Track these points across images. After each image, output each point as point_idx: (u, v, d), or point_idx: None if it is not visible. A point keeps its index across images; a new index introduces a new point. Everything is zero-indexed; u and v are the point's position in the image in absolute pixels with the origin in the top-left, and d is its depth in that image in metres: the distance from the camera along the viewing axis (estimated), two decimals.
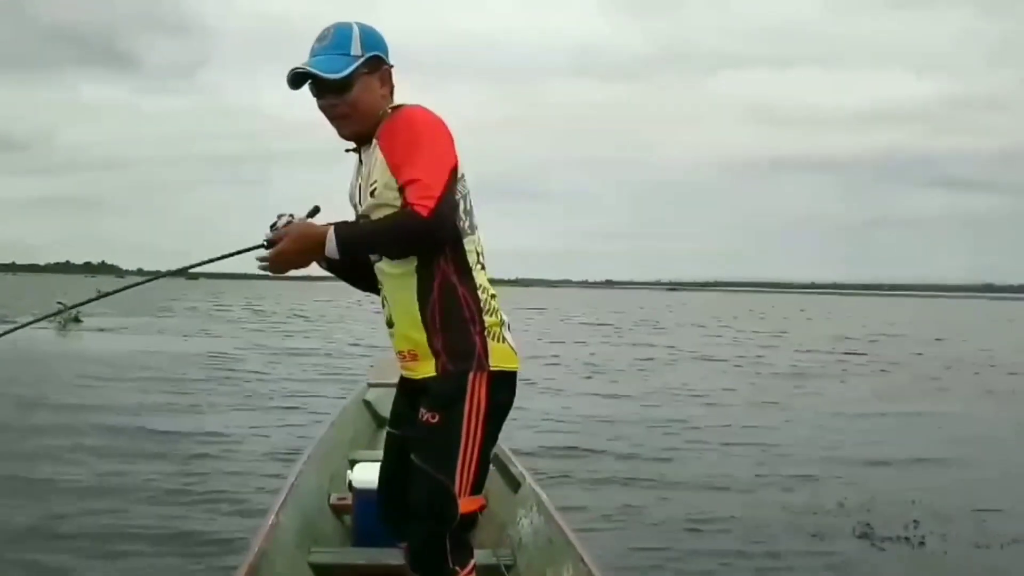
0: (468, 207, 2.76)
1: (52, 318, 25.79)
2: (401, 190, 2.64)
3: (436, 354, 2.75)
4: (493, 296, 2.80)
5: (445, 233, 2.67)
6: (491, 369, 2.73)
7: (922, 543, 6.44)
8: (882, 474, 8.82)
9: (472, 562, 2.82)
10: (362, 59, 2.77)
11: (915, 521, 6.82)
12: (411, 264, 2.73)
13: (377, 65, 2.82)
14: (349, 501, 4.58)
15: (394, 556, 3.30)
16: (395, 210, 2.65)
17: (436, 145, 2.67)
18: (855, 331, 37.46)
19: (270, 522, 3.82)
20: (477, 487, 2.77)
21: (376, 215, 2.73)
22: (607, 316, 49.66)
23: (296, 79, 2.78)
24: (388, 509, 3.04)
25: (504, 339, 2.78)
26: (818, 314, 61.74)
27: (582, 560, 3.54)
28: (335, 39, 2.79)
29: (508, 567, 3.91)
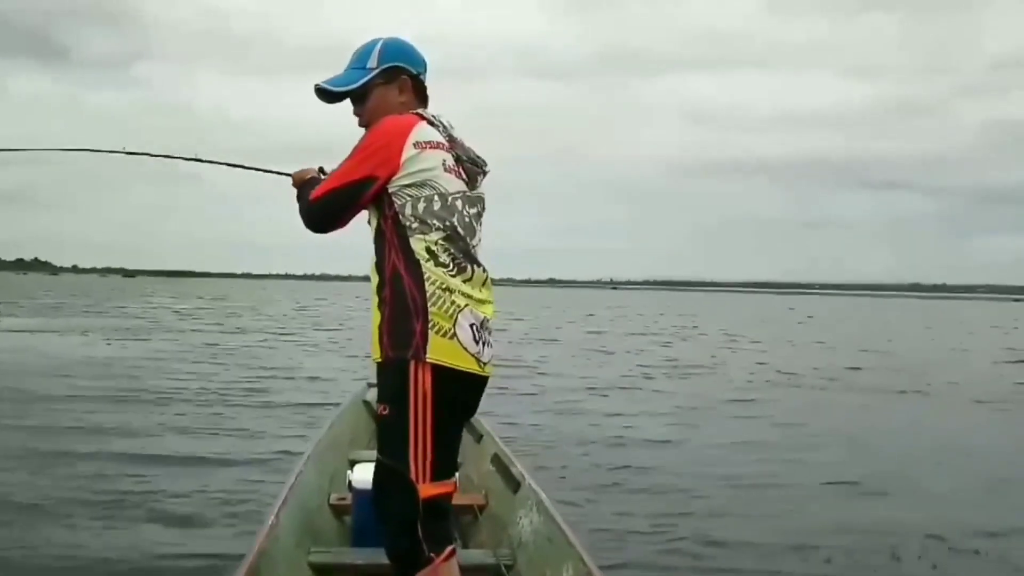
0: (417, 210, 2.87)
1: None
2: None
3: (381, 339, 2.89)
4: (449, 291, 2.86)
5: (316, 222, 2.98)
6: (430, 361, 2.81)
7: None
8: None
9: (449, 548, 2.88)
10: (376, 71, 3.05)
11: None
12: (376, 256, 2.95)
13: (395, 75, 3.06)
14: (349, 501, 4.57)
15: None
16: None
17: (356, 156, 2.91)
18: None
19: (270, 522, 3.84)
20: (438, 474, 2.85)
21: None
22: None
23: (321, 93, 3.11)
24: None
25: (455, 336, 2.84)
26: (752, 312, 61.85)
27: (582, 560, 3.56)
28: (358, 54, 3.10)
29: (508, 567, 3.97)
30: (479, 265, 3.00)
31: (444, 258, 2.88)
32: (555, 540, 3.90)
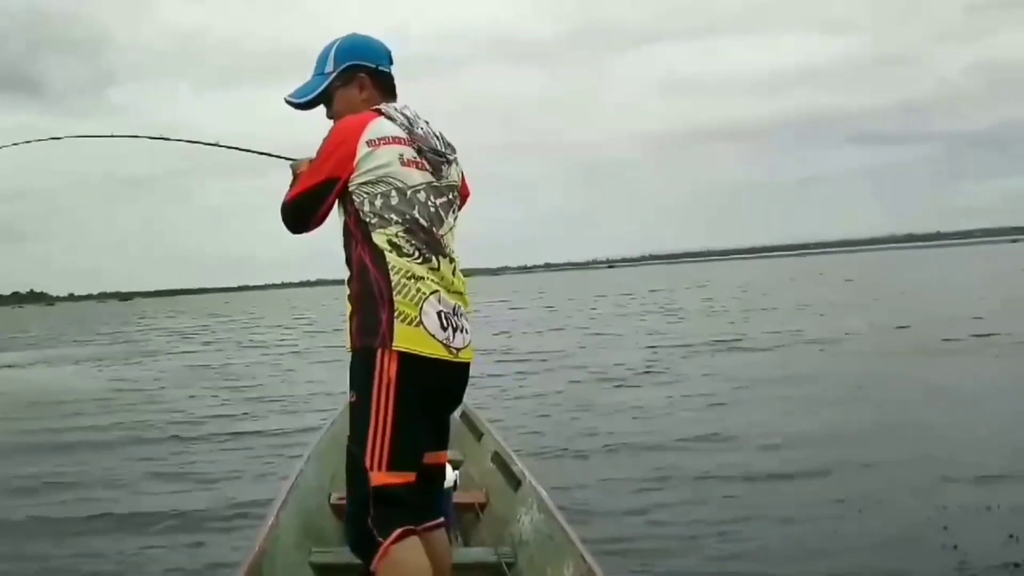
0: (375, 206, 2.90)
1: None
2: None
3: (351, 330, 2.94)
4: (414, 279, 2.89)
5: (290, 224, 3.05)
6: (396, 349, 2.83)
7: None
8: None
9: (398, 531, 2.80)
10: (333, 74, 3.12)
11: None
12: (345, 251, 3.00)
13: (352, 75, 3.12)
14: None
15: None
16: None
17: (317, 159, 2.98)
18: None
19: (270, 522, 3.85)
20: (395, 464, 2.83)
21: None
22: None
23: (292, 105, 3.18)
24: None
25: (421, 324, 2.87)
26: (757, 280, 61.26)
27: (583, 557, 3.56)
28: (318, 59, 3.16)
29: (509, 565, 3.97)
30: (448, 254, 3.02)
31: (408, 248, 2.92)
32: (556, 538, 3.89)
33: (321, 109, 3.21)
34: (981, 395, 10.61)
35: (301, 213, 3.02)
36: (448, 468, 3.48)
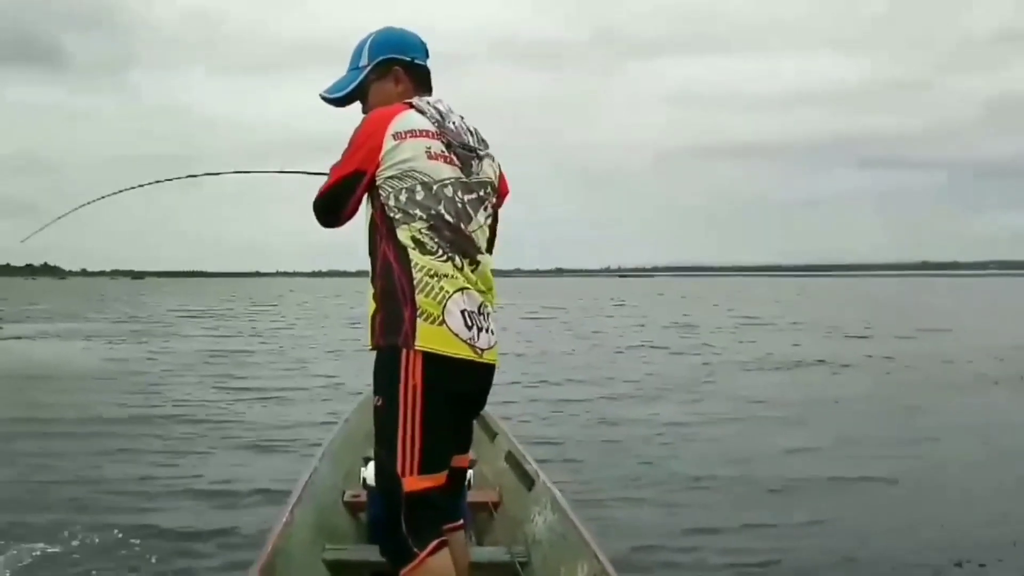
0: (400, 201, 2.87)
1: None
2: None
3: (373, 328, 2.90)
4: (437, 277, 2.85)
5: (321, 218, 3.02)
6: (420, 349, 2.79)
7: None
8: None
9: (436, 542, 2.81)
10: (368, 68, 3.10)
11: None
12: (369, 246, 2.97)
13: (387, 68, 3.09)
14: (363, 498, 4.58)
15: None
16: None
17: (345, 152, 2.95)
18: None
19: (284, 519, 3.85)
20: (426, 467, 2.80)
21: None
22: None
23: (327, 101, 3.16)
24: None
25: (444, 323, 2.82)
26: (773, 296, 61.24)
27: (596, 557, 3.53)
28: (353, 54, 3.14)
29: (523, 564, 3.95)
30: (475, 252, 2.97)
31: (431, 245, 2.87)
32: (570, 537, 3.88)
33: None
34: None
35: (331, 206, 2.99)
36: None
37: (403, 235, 2.87)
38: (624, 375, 15.66)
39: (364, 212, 3.00)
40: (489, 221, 3.08)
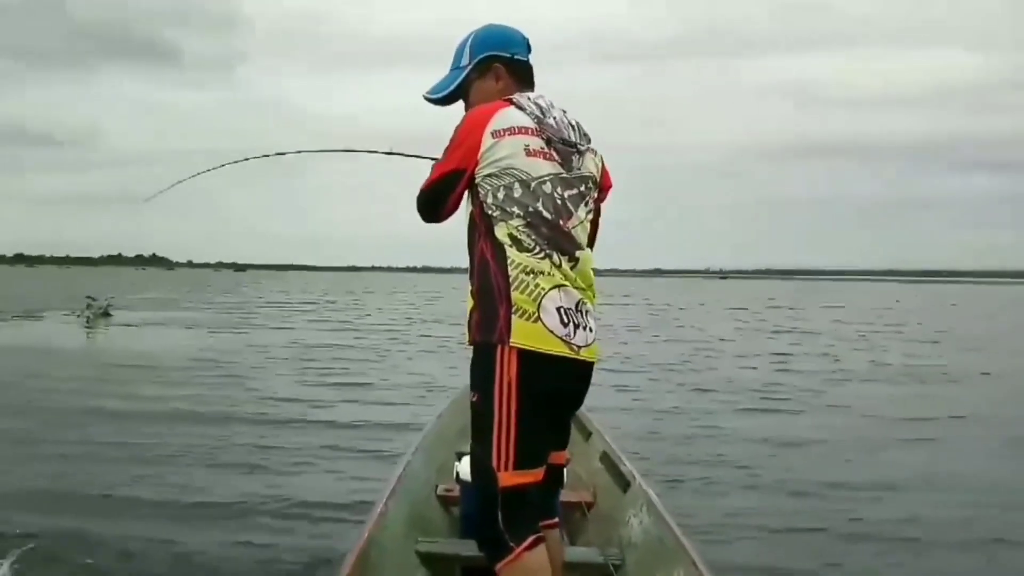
0: (498, 198, 2.88)
1: (81, 312, 27.02)
2: None
3: (471, 325, 2.93)
4: (533, 274, 2.86)
5: (423, 213, 3.04)
6: (515, 345, 2.81)
7: None
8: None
9: (533, 538, 2.83)
10: (469, 67, 3.11)
11: None
12: (468, 243, 2.99)
13: (487, 66, 3.10)
14: (456, 493, 4.61)
15: None
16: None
17: (446, 150, 2.97)
18: None
19: (379, 510, 3.91)
20: (521, 463, 2.82)
21: None
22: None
23: (429, 101, 3.19)
24: None
25: (539, 320, 2.83)
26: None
27: (694, 564, 3.46)
28: (455, 53, 3.15)
29: (616, 567, 3.92)
30: (573, 248, 2.96)
31: (528, 243, 2.87)
32: (666, 541, 3.80)
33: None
34: None
35: (432, 202, 3.01)
36: None
37: (500, 232, 2.88)
38: (752, 383, 15.06)
39: (465, 209, 3.01)
40: (591, 216, 3.07)
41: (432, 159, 3.13)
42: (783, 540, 6.26)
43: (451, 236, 3.14)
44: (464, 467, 4.24)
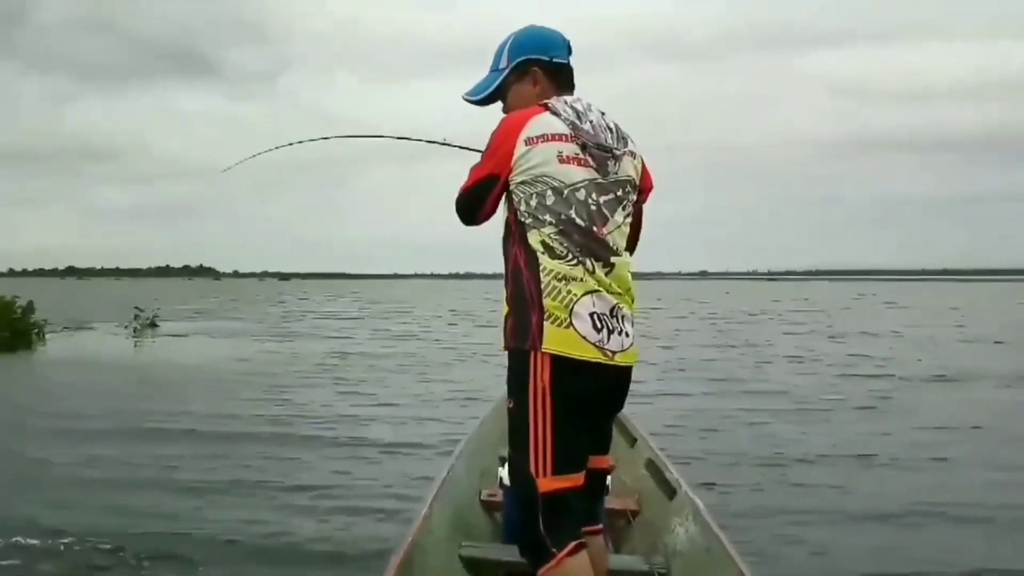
0: (530, 205, 2.90)
1: (129, 323, 27.49)
2: None
3: (505, 330, 2.95)
4: (565, 281, 2.86)
5: (461, 216, 3.07)
6: (547, 351, 2.83)
7: None
8: None
9: (574, 544, 2.83)
10: (507, 70, 3.13)
11: None
12: (503, 250, 3.02)
13: (525, 70, 3.11)
14: (499, 498, 4.66)
15: None
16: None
17: (483, 155, 3.01)
18: None
19: (423, 514, 3.96)
20: (559, 468, 2.83)
21: None
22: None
23: (472, 101, 3.22)
24: None
25: (571, 326, 2.84)
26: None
27: (741, 574, 3.45)
28: (495, 55, 3.18)
29: (662, 575, 3.91)
30: (608, 254, 2.95)
31: (560, 250, 2.89)
32: (714, 551, 3.76)
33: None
34: None
35: (469, 206, 3.04)
36: None
37: (533, 239, 2.90)
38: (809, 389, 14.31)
39: (502, 215, 3.03)
40: (629, 220, 3.06)
41: (477, 151, 3.17)
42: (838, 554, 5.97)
43: (494, 241, 3.14)
44: (507, 472, 4.31)
